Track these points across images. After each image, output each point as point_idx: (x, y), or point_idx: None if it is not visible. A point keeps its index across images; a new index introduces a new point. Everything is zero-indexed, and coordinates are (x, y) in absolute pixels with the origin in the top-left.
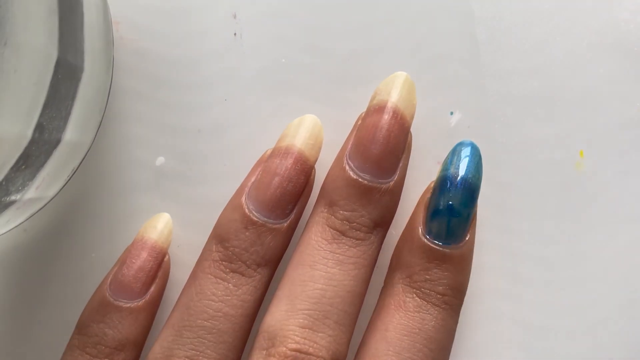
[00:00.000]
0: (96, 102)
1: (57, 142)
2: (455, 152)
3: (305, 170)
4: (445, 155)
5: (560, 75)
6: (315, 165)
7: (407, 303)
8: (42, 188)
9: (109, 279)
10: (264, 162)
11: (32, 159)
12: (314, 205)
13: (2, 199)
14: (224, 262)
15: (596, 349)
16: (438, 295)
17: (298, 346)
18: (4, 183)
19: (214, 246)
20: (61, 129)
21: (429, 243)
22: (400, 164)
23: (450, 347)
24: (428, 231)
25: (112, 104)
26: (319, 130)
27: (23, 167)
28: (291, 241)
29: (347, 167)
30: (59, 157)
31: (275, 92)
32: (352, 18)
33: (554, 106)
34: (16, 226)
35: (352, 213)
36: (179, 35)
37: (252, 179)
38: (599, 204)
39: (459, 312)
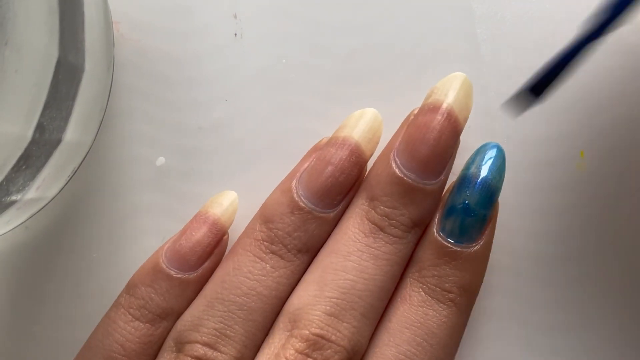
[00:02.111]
0: (97, 102)
1: (58, 142)
2: (479, 152)
3: (359, 163)
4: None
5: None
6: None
7: (412, 297)
8: (42, 188)
9: (166, 246)
10: (319, 149)
11: (32, 159)
12: (355, 196)
13: (3, 199)
14: (265, 243)
15: (594, 346)
16: (444, 292)
17: (321, 332)
18: (4, 183)
19: (257, 225)
20: (62, 129)
21: (441, 240)
22: (447, 167)
23: (455, 347)
24: (442, 228)
25: (113, 101)
26: (378, 125)
27: (24, 167)
28: None
29: (393, 164)
30: (60, 158)
31: (276, 90)
32: (351, 17)
33: (554, 106)
34: (16, 226)
35: (393, 210)
36: (180, 33)
37: (305, 165)
38: (599, 204)
39: (466, 313)
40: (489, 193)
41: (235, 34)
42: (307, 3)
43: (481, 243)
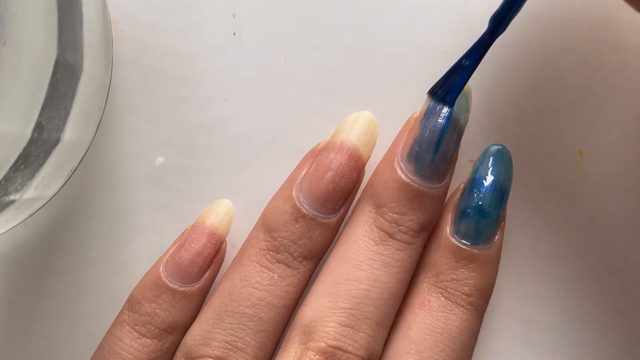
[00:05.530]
0: (95, 101)
1: (56, 141)
2: (485, 154)
3: (358, 167)
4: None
5: (560, 74)
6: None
7: (431, 302)
8: (41, 188)
9: (165, 259)
10: (317, 155)
11: (31, 158)
12: (358, 203)
13: (1, 199)
14: (270, 252)
15: (593, 343)
16: (463, 296)
17: (338, 343)
18: (3, 182)
19: (261, 235)
20: (60, 128)
21: (457, 243)
22: (451, 169)
23: (473, 349)
24: (456, 231)
25: (112, 99)
26: (374, 128)
27: (22, 166)
28: None
29: (399, 169)
30: (58, 157)
31: (275, 88)
32: (350, 15)
33: (553, 105)
34: (15, 226)
35: (402, 216)
36: (179, 32)
37: (304, 171)
38: (597, 203)
39: (482, 314)
40: (500, 193)
41: (234, 33)
42: (305, 2)
43: (495, 243)
